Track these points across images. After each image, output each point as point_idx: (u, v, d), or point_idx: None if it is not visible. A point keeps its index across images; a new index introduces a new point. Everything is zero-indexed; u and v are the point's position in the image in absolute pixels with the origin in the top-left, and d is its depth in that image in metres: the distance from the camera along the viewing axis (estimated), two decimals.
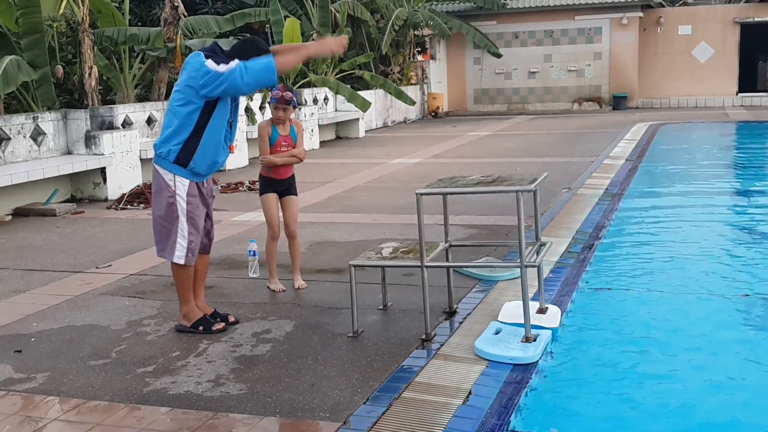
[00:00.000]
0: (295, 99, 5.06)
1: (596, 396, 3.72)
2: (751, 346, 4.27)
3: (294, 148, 5.07)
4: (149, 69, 11.99)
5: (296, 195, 5.23)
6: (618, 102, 21.61)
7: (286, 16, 15.14)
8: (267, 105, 5.15)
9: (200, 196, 4.35)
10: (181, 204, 4.24)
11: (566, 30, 22.08)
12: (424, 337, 4.11)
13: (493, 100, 23.14)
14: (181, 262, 4.30)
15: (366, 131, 17.32)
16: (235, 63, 4.09)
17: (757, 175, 10.52)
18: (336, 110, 16.91)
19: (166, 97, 11.33)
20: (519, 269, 3.98)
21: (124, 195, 9.06)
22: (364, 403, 3.36)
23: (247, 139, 12.03)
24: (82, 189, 9.47)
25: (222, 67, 4.07)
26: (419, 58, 21.75)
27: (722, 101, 21.52)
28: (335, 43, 4.33)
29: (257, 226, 7.03)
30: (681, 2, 29.47)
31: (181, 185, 4.23)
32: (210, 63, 4.09)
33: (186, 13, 11.35)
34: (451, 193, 4.29)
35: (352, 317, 4.25)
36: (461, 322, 4.38)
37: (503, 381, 3.58)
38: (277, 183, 5.11)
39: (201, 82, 4.09)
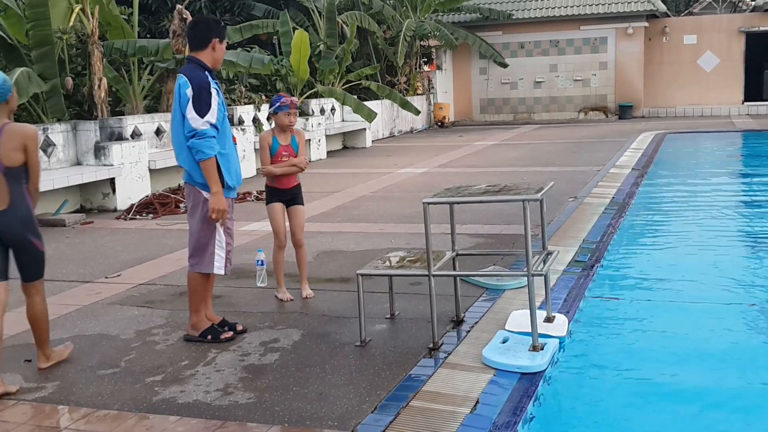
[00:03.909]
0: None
1: (603, 404, 3.72)
2: (761, 355, 4.26)
3: (295, 157, 5.10)
4: (158, 80, 12.09)
5: (303, 204, 5.26)
6: (624, 111, 21.61)
7: (294, 28, 15.25)
8: (272, 116, 5.17)
9: (232, 208, 4.46)
10: None
11: (572, 40, 22.13)
12: (431, 345, 4.12)
13: (499, 109, 23.19)
14: (221, 272, 4.38)
15: (373, 141, 17.37)
16: (201, 125, 4.15)
17: (763, 184, 10.50)
18: (343, 120, 16.98)
19: None
20: (526, 278, 3.99)
21: (133, 205, 9.12)
22: (372, 412, 3.37)
23: (255, 149, 12.09)
24: (92, 199, 9.54)
25: (194, 119, 4.14)
26: (425, 68, 21.83)
27: (728, 110, 21.49)
28: (218, 209, 4.30)
29: (265, 235, 7.06)
30: (686, 12, 29.52)
31: None
32: (191, 110, 4.14)
33: None
34: (458, 203, 4.31)
35: (359, 326, 4.27)
36: (468, 331, 4.39)
37: (511, 390, 3.58)
38: (282, 192, 5.14)
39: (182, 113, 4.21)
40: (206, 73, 4.27)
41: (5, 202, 3.79)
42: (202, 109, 4.16)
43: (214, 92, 4.23)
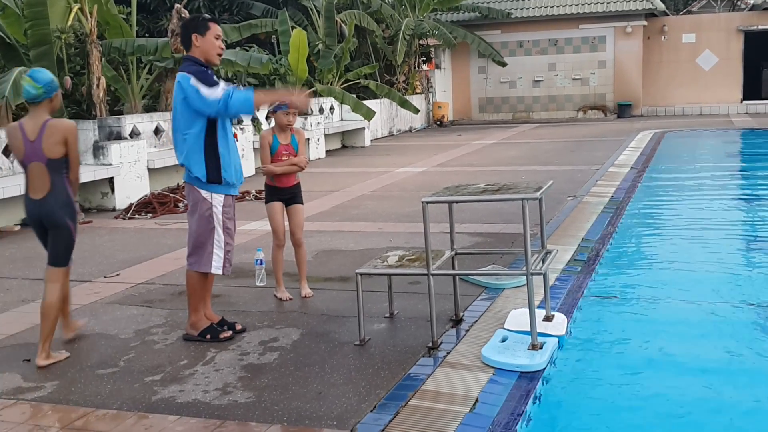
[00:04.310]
0: None
1: (602, 404, 3.72)
2: (761, 354, 4.26)
3: (295, 156, 5.10)
4: (156, 79, 12.08)
5: (302, 203, 5.25)
6: (622, 110, 21.62)
7: (292, 27, 15.25)
8: (271, 115, 5.19)
9: (233, 207, 4.46)
10: (218, 215, 4.34)
11: (570, 39, 22.13)
12: (430, 344, 4.12)
13: (497, 108, 23.19)
14: (219, 272, 4.38)
15: (372, 140, 17.37)
16: (221, 91, 4.18)
17: (762, 183, 10.50)
18: (342, 119, 16.98)
19: None
20: (525, 277, 3.99)
21: (132, 205, 9.12)
22: (371, 411, 3.37)
23: (254, 149, 12.09)
24: (91, 199, 9.53)
25: (210, 93, 4.17)
26: (424, 67, 21.83)
27: (727, 109, 21.51)
28: (301, 100, 4.49)
29: (264, 234, 7.06)
30: (685, 11, 29.53)
31: (218, 198, 4.35)
32: (202, 89, 4.18)
33: None
34: (457, 202, 4.31)
35: (358, 325, 4.27)
36: (468, 330, 4.39)
37: (510, 389, 3.58)
38: (281, 191, 5.14)
39: (197, 106, 4.20)
40: (203, 68, 4.32)
41: (46, 189, 4.13)
42: (212, 83, 4.21)
43: (213, 76, 4.30)
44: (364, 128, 16.57)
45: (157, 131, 10.89)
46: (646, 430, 3.44)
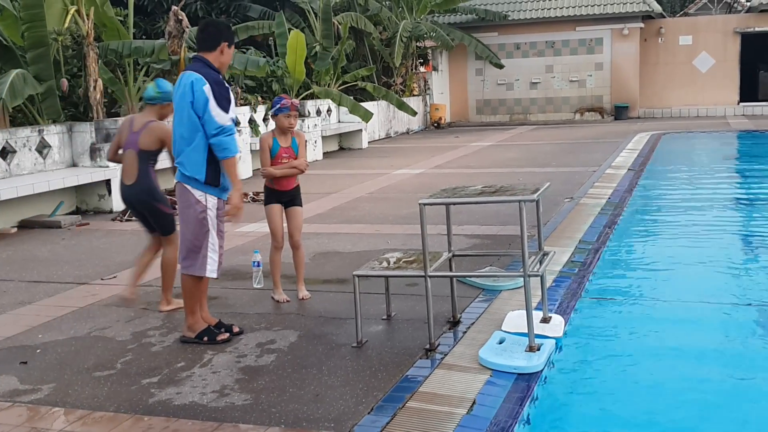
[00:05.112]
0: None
1: (600, 405, 3.73)
2: (758, 355, 4.27)
3: (295, 159, 5.09)
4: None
5: (301, 206, 5.25)
6: (619, 112, 21.66)
7: (289, 29, 15.25)
8: (271, 117, 5.21)
9: (223, 210, 4.43)
10: (212, 218, 4.31)
11: (567, 41, 22.17)
12: (428, 346, 4.11)
13: (495, 110, 23.21)
14: (214, 275, 4.37)
15: (369, 142, 17.37)
16: (228, 120, 4.18)
17: (759, 184, 10.53)
18: (339, 121, 16.98)
19: None
20: (522, 279, 3.99)
21: None
22: (369, 414, 3.37)
23: (251, 151, 12.08)
24: (87, 201, 9.51)
25: (218, 115, 4.14)
26: (422, 69, 21.85)
27: (723, 110, 21.56)
28: (239, 206, 4.35)
29: (261, 236, 7.05)
30: (682, 13, 29.60)
31: (212, 200, 4.32)
32: (212, 105, 4.13)
33: (190, 26, 11.45)
34: (454, 203, 4.31)
35: (356, 327, 4.27)
36: (465, 332, 4.39)
37: (507, 390, 3.58)
38: (281, 194, 5.13)
39: (199, 113, 4.16)
40: (218, 75, 4.29)
41: (134, 177, 4.87)
42: (224, 105, 4.18)
43: (229, 91, 4.29)
44: (361, 130, 16.57)
45: None
46: (643, 431, 3.45)
